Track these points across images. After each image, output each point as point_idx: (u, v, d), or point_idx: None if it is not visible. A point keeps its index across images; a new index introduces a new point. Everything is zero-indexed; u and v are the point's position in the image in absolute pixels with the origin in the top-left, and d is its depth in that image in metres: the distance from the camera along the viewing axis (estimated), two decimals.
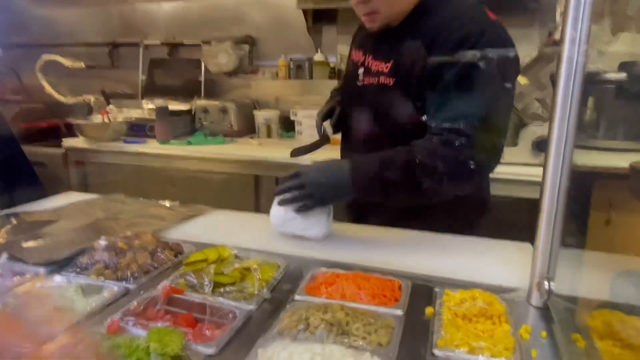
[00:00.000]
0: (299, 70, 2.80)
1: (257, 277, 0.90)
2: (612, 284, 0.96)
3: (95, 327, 0.75)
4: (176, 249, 1.05)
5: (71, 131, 2.78)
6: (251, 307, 0.82)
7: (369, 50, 1.21)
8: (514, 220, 1.97)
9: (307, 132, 2.64)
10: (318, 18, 2.75)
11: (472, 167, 1.02)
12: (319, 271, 0.96)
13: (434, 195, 1.06)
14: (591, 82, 2.09)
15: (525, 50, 2.43)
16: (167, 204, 1.44)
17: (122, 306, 0.82)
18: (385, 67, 1.13)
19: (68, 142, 2.61)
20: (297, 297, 0.86)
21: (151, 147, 2.50)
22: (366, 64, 1.21)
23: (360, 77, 1.22)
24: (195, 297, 0.84)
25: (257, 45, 3.02)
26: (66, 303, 0.85)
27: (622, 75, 2.08)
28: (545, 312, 0.82)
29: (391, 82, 1.12)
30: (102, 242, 0.99)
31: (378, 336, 0.71)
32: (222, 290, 0.87)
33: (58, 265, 0.99)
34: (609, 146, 2.16)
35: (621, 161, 2.11)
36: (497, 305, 0.80)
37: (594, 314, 0.78)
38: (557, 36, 2.39)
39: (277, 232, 1.16)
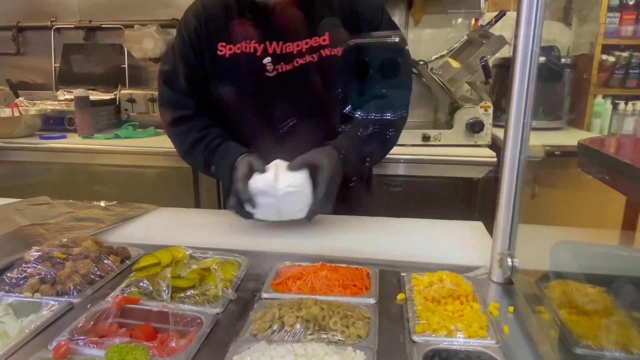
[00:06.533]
0: None
1: (219, 277, 0.84)
2: (553, 254, 1.03)
3: (39, 353, 0.66)
4: (122, 254, 0.96)
5: None
6: (217, 310, 0.77)
7: (271, 37, 1.12)
8: (454, 200, 2.07)
9: None
10: None
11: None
12: (283, 266, 0.92)
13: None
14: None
15: (455, 34, 2.54)
16: (103, 203, 1.31)
17: (68, 324, 0.73)
18: (321, 40, 1.13)
19: None
20: (264, 295, 0.82)
21: (72, 142, 2.27)
22: (277, 51, 1.13)
23: (270, 67, 1.14)
24: (152, 306, 0.77)
25: None
26: None
27: (542, 59, 2.23)
28: (506, 287, 0.85)
29: (339, 52, 1.14)
30: (34, 252, 0.87)
31: (356, 328, 0.70)
32: (182, 295, 0.80)
33: None
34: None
35: (543, 139, 2.30)
36: (464, 285, 0.82)
37: (550, 285, 0.82)
38: (481, 22, 2.51)
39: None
